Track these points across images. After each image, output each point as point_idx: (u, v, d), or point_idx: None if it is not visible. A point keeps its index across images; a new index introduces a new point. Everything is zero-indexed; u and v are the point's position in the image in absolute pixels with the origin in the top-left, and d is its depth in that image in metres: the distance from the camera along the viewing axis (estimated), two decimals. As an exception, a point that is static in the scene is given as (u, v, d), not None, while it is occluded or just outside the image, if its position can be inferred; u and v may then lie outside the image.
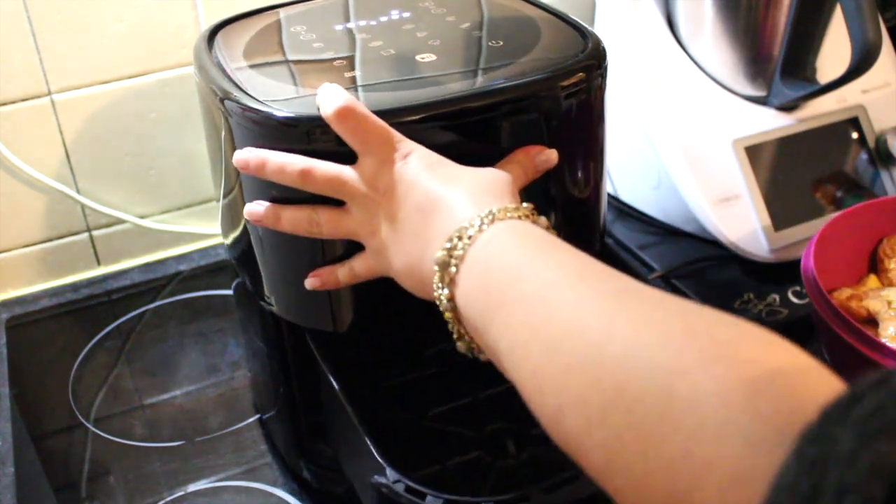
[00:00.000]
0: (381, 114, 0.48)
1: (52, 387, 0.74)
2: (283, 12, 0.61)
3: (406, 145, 0.47)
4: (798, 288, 0.75)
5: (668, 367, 0.32)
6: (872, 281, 0.68)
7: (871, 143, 0.81)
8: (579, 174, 0.54)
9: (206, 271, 0.87)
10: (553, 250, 0.40)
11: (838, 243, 0.66)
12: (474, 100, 0.49)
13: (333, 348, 0.55)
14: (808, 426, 0.25)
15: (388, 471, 0.44)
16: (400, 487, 0.44)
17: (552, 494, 0.44)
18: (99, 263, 0.87)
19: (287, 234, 0.52)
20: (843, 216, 0.67)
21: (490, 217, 0.42)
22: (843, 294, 0.65)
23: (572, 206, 0.55)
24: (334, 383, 0.51)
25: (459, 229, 0.42)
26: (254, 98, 0.49)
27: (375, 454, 0.46)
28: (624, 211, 0.89)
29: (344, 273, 0.50)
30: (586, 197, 0.56)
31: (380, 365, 0.68)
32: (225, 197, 0.57)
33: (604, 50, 0.53)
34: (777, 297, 0.75)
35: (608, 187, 0.91)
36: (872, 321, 0.63)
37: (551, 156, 0.50)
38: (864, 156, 0.80)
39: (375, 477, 0.45)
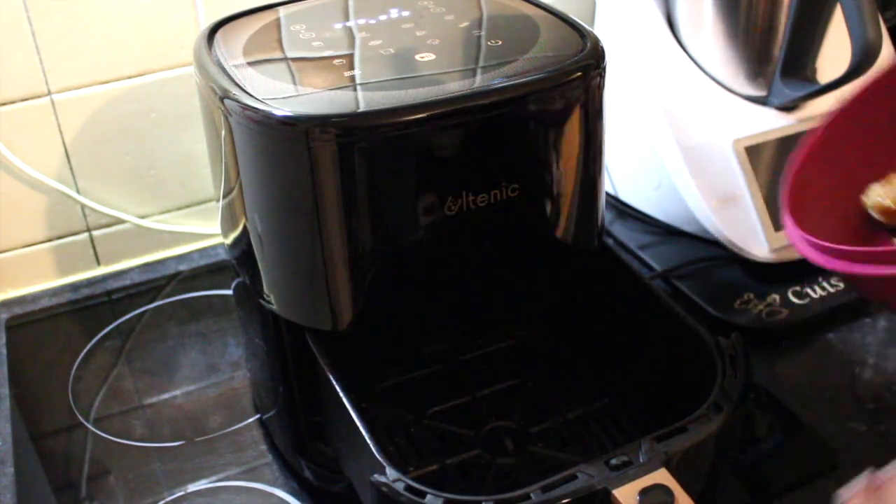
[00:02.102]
0: (381, 113, 0.48)
1: (51, 387, 0.74)
2: (282, 10, 0.61)
3: None
4: (798, 288, 0.75)
5: None
6: None
7: (871, 142, 0.80)
8: (578, 174, 0.54)
9: (206, 271, 0.87)
10: None
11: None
12: (473, 99, 0.49)
13: (333, 348, 0.55)
14: None
15: (388, 469, 0.44)
16: (400, 486, 0.44)
17: (551, 493, 0.44)
18: (99, 263, 0.87)
19: (286, 233, 0.52)
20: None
21: None
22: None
23: (571, 205, 0.55)
24: (334, 383, 0.51)
25: None
26: (253, 97, 0.49)
27: (375, 453, 0.46)
28: (624, 211, 0.89)
29: None
30: (585, 196, 0.56)
31: (379, 364, 0.68)
32: (225, 197, 0.57)
33: (602, 49, 0.53)
34: (777, 297, 0.75)
35: (608, 187, 0.91)
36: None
37: None
38: (864, 156, 0.80)
39: (375, 476, 0.45)
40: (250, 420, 0.70)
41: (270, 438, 0.67)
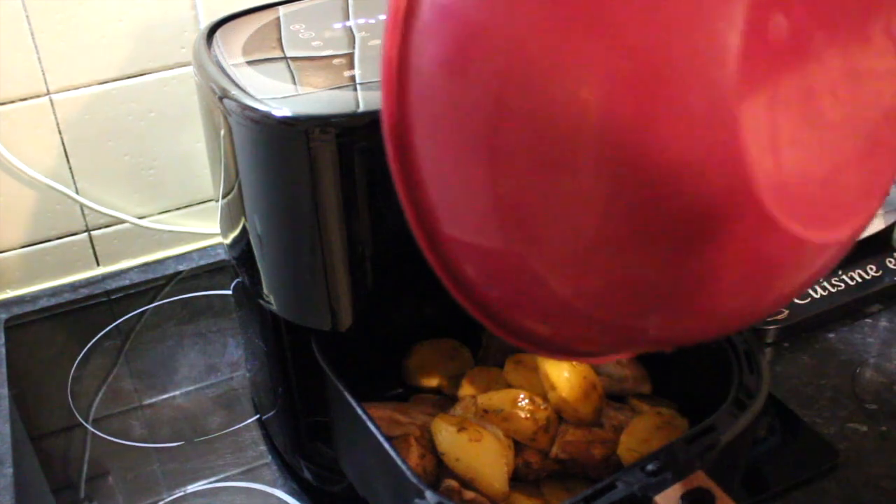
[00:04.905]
0: (381, 113, 0.48)
1: (50, 387, 0.74)
2: (282, 10, 0.61)
3: None
4: (798, 288, 0.75)
5: None
6: None
7: (871, 142, 0.80)
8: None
9: (206, 271, 0.87)
10: None
11: None
12: (474, 98, 0.49)
13: (339, 354, 0.54)
14: None
15: (428, 493, 0.44)
16: None
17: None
18: (98, 263, 0.87)
19: (286, 233, 0.52)
20: None
21: None
22: None
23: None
24: (350, 399, 0.51)
25: None
26: (252, 96, 0.49)
27: (410, 477, 0.45)
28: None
29: None
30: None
31: (379, 366, 0.68)
32: (224, 197, 0.57)
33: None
34: (777, 296, 0.75)
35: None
36: None
37: None
38: (864, 155, 0.80)
39: (417, 500, 0.44)
40: (250, 420, 0.70)
41: (270, 439, 0.67)
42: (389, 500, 0.50)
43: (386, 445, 0.47)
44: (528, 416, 0.53)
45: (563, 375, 0.54)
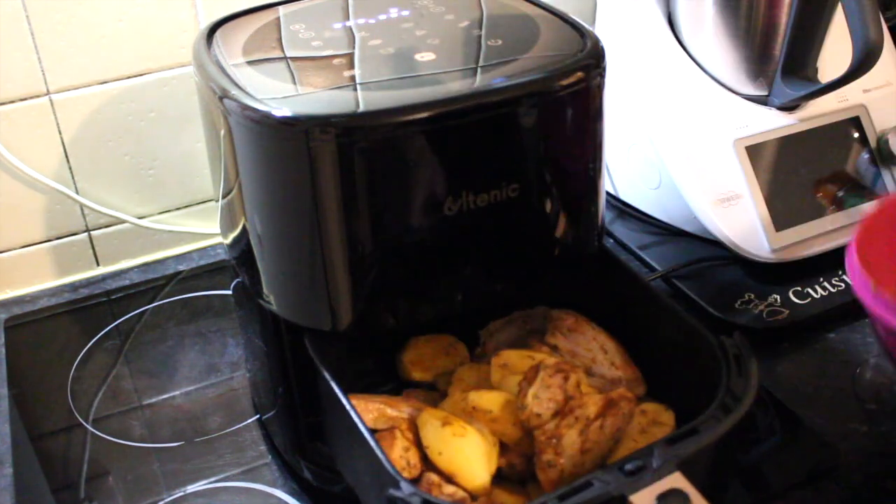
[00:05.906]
0: (381, 113, 0.48)
1: (50, 387, 0.74)
2: (282, 10, 0.61)
3: None
4: (799, 288, 0.75)
5: None
6: None
7: (872, 142, 0.80)
8: (578, 174, 0.54)
9: (206, 271, 0.87)
10: None
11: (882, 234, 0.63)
12: (473, 99, 0.49)
13: (332, 352, 0.54)
14: None
15: (403, 484, 0.44)
16: (416, 501, 0.43)
17: (568, 501, 0.43)
18: (98, 263, 0.87)
19: (286, 233, 0.52)
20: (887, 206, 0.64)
21: None
22: None
23: (571, 205, 0.55)
24: (335, 387, 0.51)
25: None
26: (252, 96, 0.49)
27: (388, 468, 0.45)
28: (624, 211, 0.89)
29: None
30: (585, 196, 0.56)
31: (374, 362, 0.68)
32: (224, 197, 0.57)
33: (602, 49, 0.53)
34: (778, 297, 0.75)
35: (608, 187, 0.91)
36: None
37: None
38: (865, 155, 0.80)
39: (391, 491, 0.44)
40: (250, 420, 0.70)
41: (270, 439, 0.67)
42: (372, 491, 0.50)
43: (366, 435, 0.47)
44: (516, 421, 0.53)
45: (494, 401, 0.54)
